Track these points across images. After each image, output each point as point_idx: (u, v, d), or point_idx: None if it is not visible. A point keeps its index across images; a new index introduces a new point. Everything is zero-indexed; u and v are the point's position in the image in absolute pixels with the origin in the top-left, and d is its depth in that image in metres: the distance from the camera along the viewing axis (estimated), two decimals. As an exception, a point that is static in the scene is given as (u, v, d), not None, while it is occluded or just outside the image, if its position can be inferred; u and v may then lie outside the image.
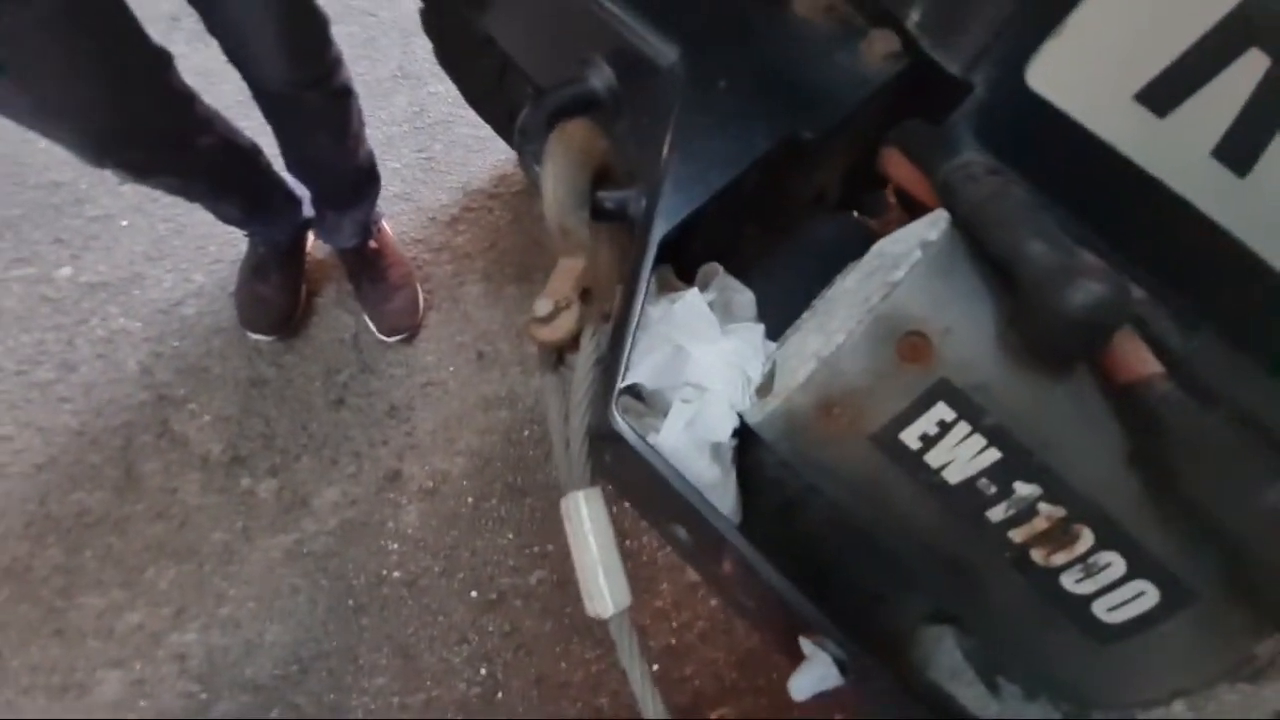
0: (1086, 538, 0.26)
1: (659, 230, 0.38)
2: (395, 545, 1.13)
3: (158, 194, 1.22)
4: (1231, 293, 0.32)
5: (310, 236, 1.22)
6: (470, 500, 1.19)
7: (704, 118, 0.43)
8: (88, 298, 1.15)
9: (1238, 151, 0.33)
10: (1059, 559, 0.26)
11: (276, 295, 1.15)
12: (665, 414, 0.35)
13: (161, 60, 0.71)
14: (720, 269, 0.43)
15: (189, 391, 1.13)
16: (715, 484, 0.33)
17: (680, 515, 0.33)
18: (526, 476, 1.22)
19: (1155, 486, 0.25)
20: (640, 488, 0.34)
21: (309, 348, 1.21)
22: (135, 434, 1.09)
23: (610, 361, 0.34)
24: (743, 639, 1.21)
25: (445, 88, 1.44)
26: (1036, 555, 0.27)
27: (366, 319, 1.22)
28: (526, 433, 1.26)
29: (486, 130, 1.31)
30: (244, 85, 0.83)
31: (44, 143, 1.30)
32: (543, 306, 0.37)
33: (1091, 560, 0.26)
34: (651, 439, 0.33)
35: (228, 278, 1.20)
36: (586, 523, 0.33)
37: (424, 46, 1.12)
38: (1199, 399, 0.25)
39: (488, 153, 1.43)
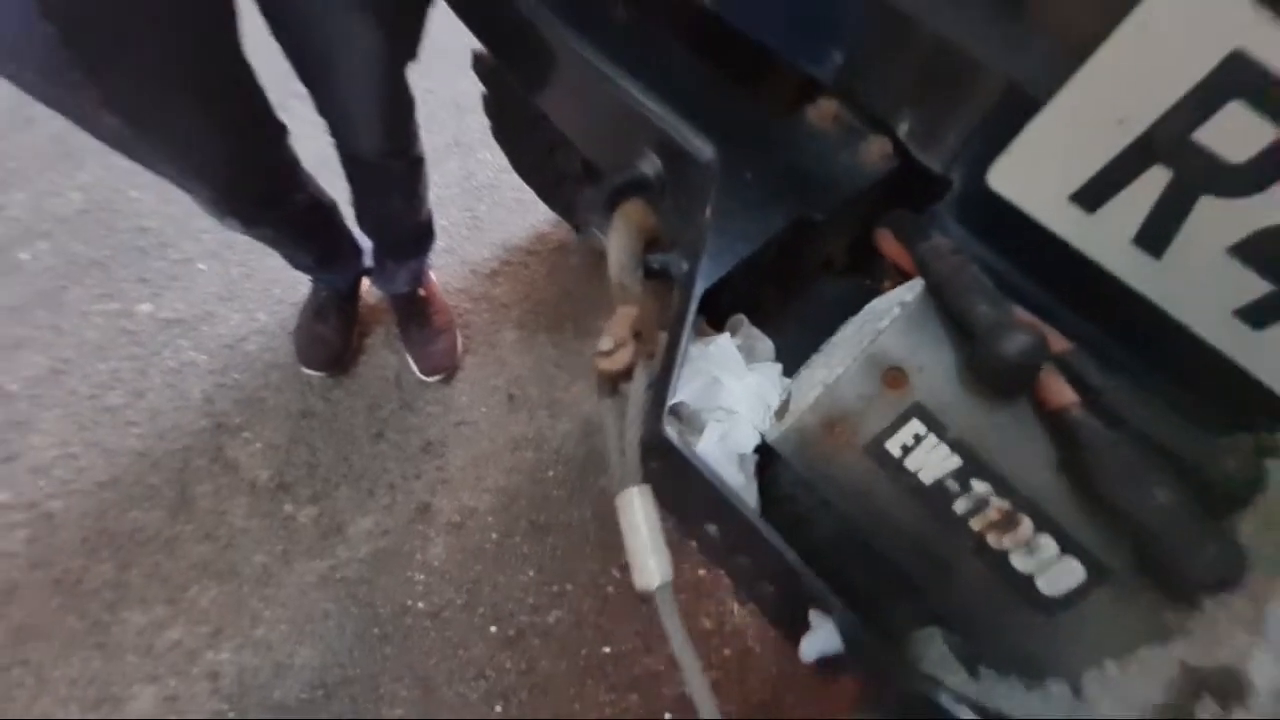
0: (1027, 525, 0.34)
1: (699, 288, 0.49)
2: (422, 576, 1.20)
3: (233, 241, 1.38)
4: (1148, 343, 0.42)
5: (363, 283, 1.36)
6: (495, 536, 1.26)
7: (733, 201, 0.55)
8: (163, 332, 1.29)
9: (1152, 239, 0.43)
10: (1008, 542, 0.35)
11: (334, 335, 1.28)
12: (701, 431, 0.44)
13: (280, 131, 0.87)
14: (745, 320, 0.53)
15: (244, 420, 1.24)
16: (741, 488, 0.42)
17: (713, 510, 0.42)
18: (549, 515, 1.29)
19: (1077, 487, 0.34)
20: (680, 489, 0.43)
21: (355, 384, 1.33)
22: (192, 458, 1.20)
23: (659, 387, 0.44)
24: (756, 689, 1.24)
25: (492, 156, 1.62)
26: (991, 539, 0.35)
27: (409, 359, 1.34)
28: (551, 473, 1.34)
29: (527, 194, 1.47)
30: (317, 150, 0.97)
31: (135, 192, 1.48)
32: (606, 343, 0.47)
33: (1031, 542, 0.34)
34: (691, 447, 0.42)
35: (288, 318, 1.34)
36: (639, 512, 0.41)
37: (475, 120, 1.29)
38: (1108, 422, 0.34)
39: (527, 214, 1.59)
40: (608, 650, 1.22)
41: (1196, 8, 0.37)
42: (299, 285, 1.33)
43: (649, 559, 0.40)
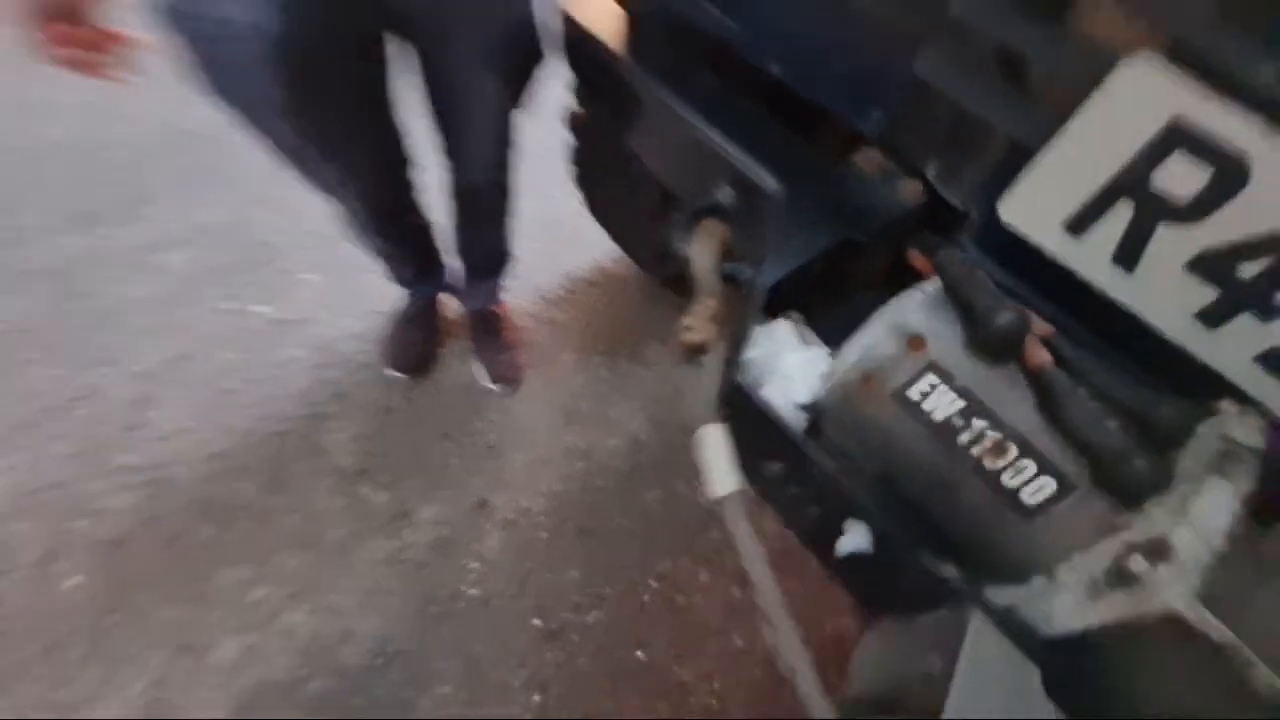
0: (1013, 450, 0.46)
1: (764, 287, 0.64)
2: (476, 565, 1.32)
3: (336, 258, 1.61)
4: (1125, 337, 0.54)
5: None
6: (544, 536, 1.38)
7: (792, 224, 0.71)
8: (274, 330, 1.51)
9: (1126, 258, 0.56)
10: (999, 464, 0.46)
11: (417, 342, 1.47)
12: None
13: (410, 162, 1.08)
14: (799, 315, 0.67)
15: (335, 411, 1.42)
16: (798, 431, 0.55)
17: (774, 445, 0.54)
18: (595, 522, 1.41)
19: (1050, 423, 0.46)
20: (746, 432, 0.57)
21: (432, 387, 1.50)
22: (289, 441, 1.38)
23: (732, 353, 0.58)
24: (785, 711, 1.29)
25: (562, 196, 1.84)
26: (987, 462, 0.47)
27: (480, 369, 1.52)
28: (599, 483, 1.47)
29: (593, 233, 1.67)
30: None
31: (259, 213, 1.74)
32: (691, 321, 0.62)
33: (1017, 464, 0.46)
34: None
35: (377, 325, 1.54)
36: (715, 441, 0.55)
37: (549, 166, 1.50)
38: (1074, 379, 0.46)
39: (592, 250, 1.80)
40: (641, 656, 1.30)
41: (1147, 84, 0.51)
42: (388, 298, 1.54)
43: (723, 473, 0.53)
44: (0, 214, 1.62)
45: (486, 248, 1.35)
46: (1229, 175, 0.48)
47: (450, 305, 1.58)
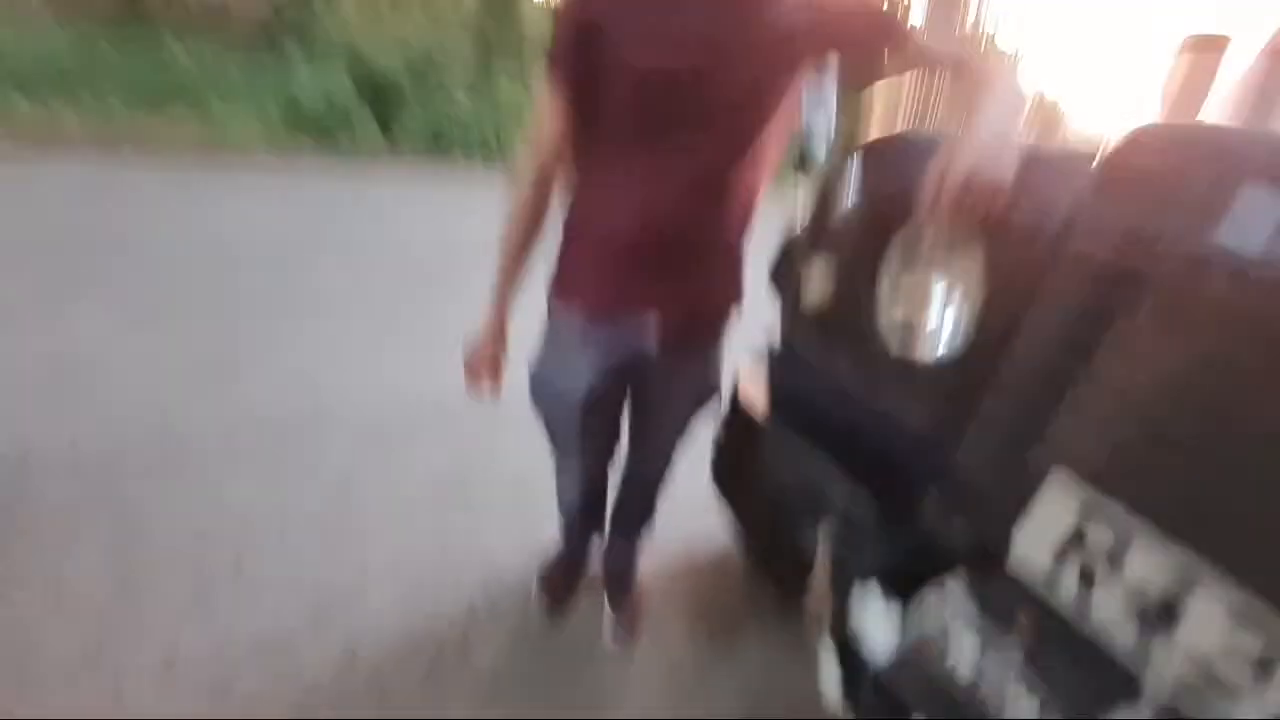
0: (1010, 685, 0.81)
1: (863, 567, 1.08)
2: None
3: (524, 502, 2.19)
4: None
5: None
6: (637, 788, 1.55)
7: (881, 529, 1.17)
8: (463, 545, 2.03)
9: (1085, 596, 0.96)
10: (1003, 697, 0.81)
11: (564, 586, 1.91)
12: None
13: (617, 451, 1.71)
14: (886, 585, 1.08)
15: (489, 620, 1.82)
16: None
17: (867, 671, 0.91)
18: (682, 789, 1.56)
19: (1034, 667, 0.82)
20: (848, 659, 0.94)
21: (564, 628, 1.88)
22: (449, 637, 1.75)
23: (841, 612, 0.99)
24: None
25: (693, 489, 2.39)
26: (994, 702, 0.82)
27: (607, 619, 1.89)
28: (692, 754, 1.65)
29: (713, 523, 2.15)
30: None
31: (474, 462, 2.42)
32: (814, 586, 1.05)
33: (1014, 696, 0.80)
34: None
35: (538, 561, 2.01)
36: (829, 663, 0.92)
37: (682, 464, 2.08)
38: (1054, 642, 0.83)
39: (713, 538, 2.25)
40: None
41: (1066, 489, 0.99)
42: (550, 543, 2.03)
43: (835, 693, 0.90)
44: (310, 441, 2.43)
45: (638, 518, 1.88)
46: (1116, 553, 0.91)
47: (593, 557, 2.04)
